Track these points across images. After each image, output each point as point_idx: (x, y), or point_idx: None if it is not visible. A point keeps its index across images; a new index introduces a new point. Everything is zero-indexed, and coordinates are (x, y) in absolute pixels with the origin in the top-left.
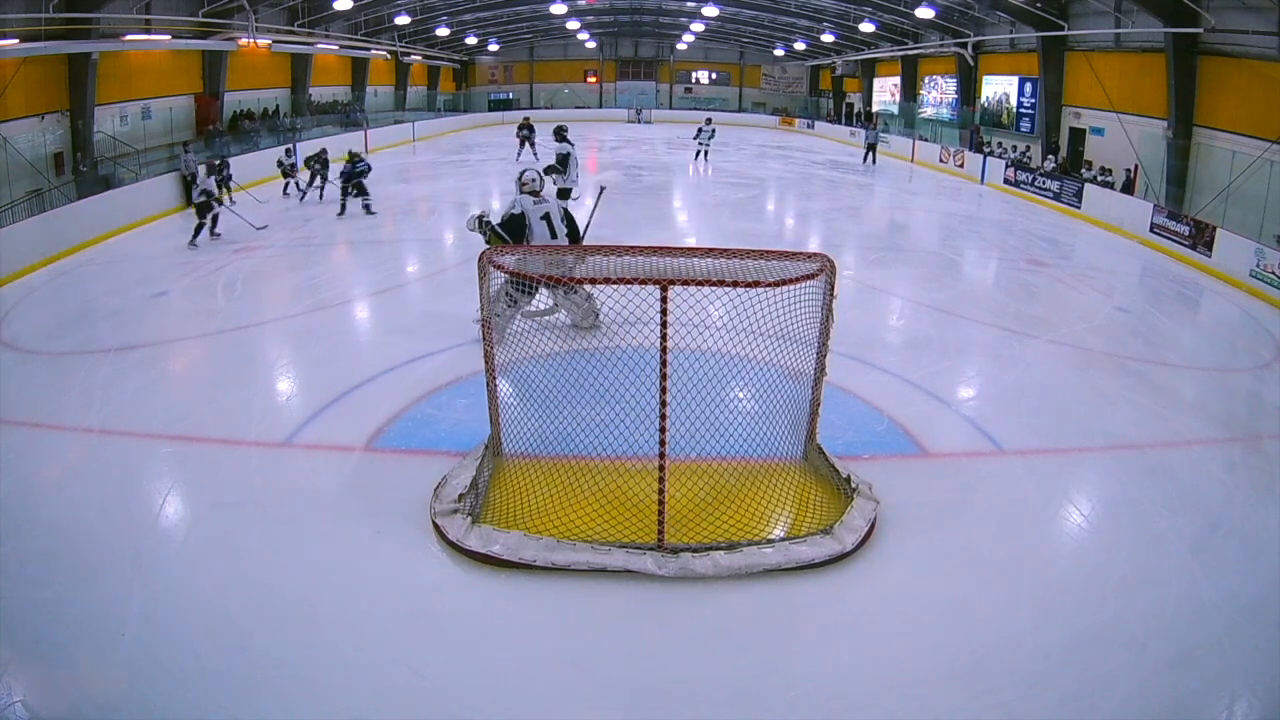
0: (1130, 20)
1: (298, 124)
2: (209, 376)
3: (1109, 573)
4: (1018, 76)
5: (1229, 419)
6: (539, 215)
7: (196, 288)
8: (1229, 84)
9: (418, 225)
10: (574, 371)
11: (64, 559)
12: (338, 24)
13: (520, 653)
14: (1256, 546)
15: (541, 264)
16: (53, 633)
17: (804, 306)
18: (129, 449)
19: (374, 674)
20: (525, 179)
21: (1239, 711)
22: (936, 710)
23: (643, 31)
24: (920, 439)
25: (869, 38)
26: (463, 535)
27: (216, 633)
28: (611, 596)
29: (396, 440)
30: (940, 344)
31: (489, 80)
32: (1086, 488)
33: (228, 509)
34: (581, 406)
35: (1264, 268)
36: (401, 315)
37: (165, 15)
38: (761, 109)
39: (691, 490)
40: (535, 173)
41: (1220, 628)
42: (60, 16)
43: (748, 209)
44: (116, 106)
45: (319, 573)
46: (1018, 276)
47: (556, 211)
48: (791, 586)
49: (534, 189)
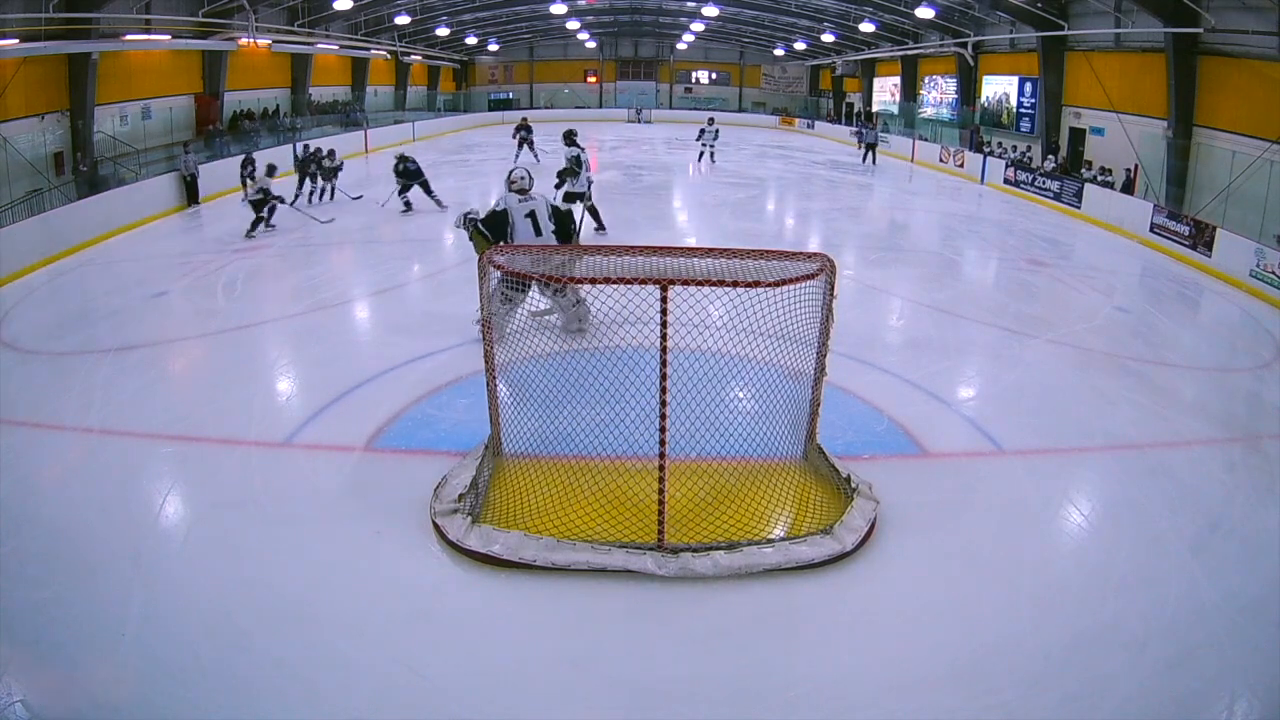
0: (1130, 20)
1: (298, 124)
2: (209, 376)
3: (1109, 573)
4: (1018, 76)
5: (1229, 419)
6: (523, 213)
7: (196, 288)
8: (1229, 84)
9: (418, 225)
10: (574, 371)
11: (64, 559)
12: (338, 24)
13: (520, 653)
14: (1256, 546)
15: (530, 262)
16: (53, 633)
17: (804, 306)
18: (129, 449)
19: (374, 674)
20: (513, 177)
21: (1239, 711)
22: (936, 710)
23: (643, 31)
24: (920, 439)
25: (869, 38)
26: (463, 535)
27: (216, 633)
28: (611, 596)
29: (396, 440)
30: (940, 344)
31: (489, 80)
32: (1086, 488)
33: (228, 509)
34: (581, 406)
35: (1264, 268)
36: (401, 315)
37: (165, 15)
38: (761, 109)
39: (691, 490)
40: (523, 171)
41: (1220, 628)
42: (60, 16)
43: (748, 209)
44: (116, 106)
45: (319, 573)
46: (1018, 276)
47: (544, 210)
48: (791, 586)
49: (521, 187)
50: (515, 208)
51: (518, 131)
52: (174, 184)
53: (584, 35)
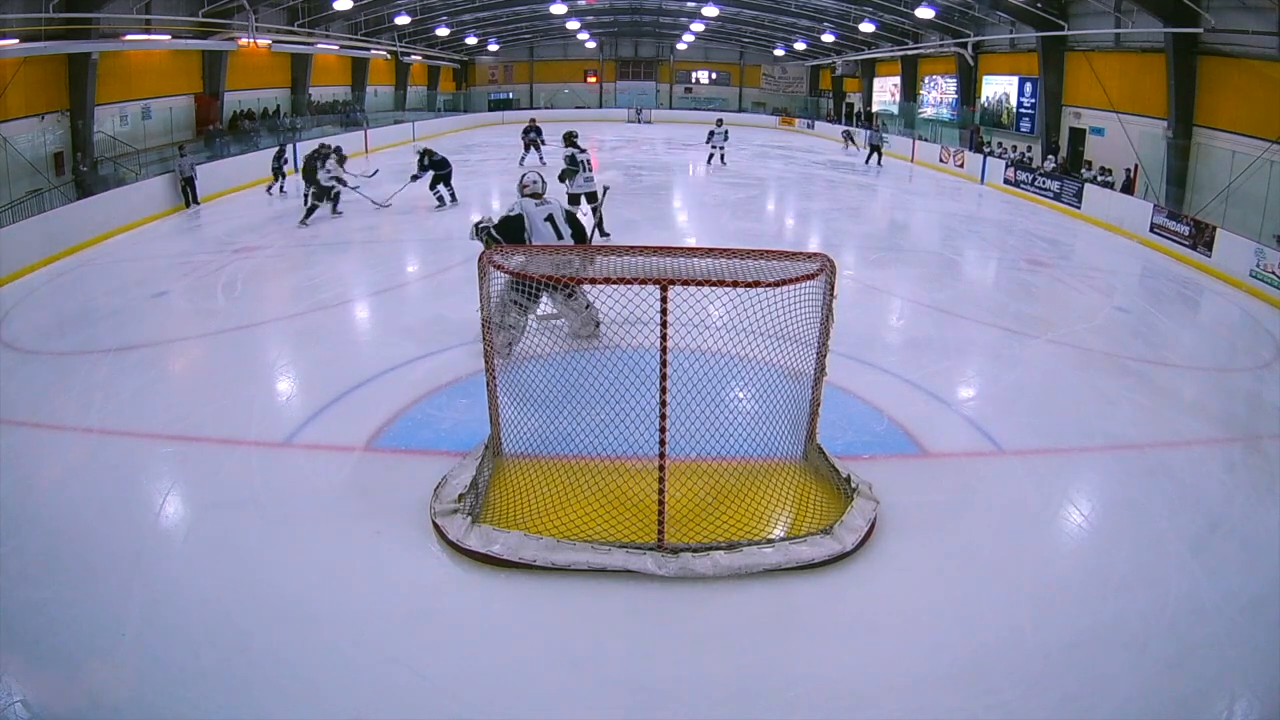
0: (1130, 20)
1: (298, 124)
2: (209, 376)
3: (1109, 573)
4: (1018, 76)
5: (1229, 419)
6: (542, 217)
7: (196, 288)
8: (1229, 84)
9: (418, 225)
10: (574, 371)
11: (64, 559)
12: (338, 24)
13: (520, 653)
14: (1256, 546)
15: (547, 264)
16: (53, 633)
17: (804, 306)
18: (129, 449)
19: (374, 674)
20: (526, 181)
21: (1239, 711)
22: (936, 710)
23: (643, 31)
24: (920, 439)
25: (869, 38)
26: (463, 535)
27: (216, 633)
28: (611, 596)
29: (396, 440)
30: (940, 344)
31: (489, 80)
32: (1086, 488)
33: (228, 509)
34: (581, 406)
35: (1264, 268)
36: (401, 315)
37: (165, 15)
38: (761, 109)
39: (691, 490)
40: (536, 174)
41: (1220, 628)
42: (60, 16)
43: (748, 209)
44: (116, 106)
45: (319, 573)
46: (1018, 276)
47: (560, 213)
48: (791, 586)
49: (535, 191)
50: (533, 212)
51: (527, 133)
52: (174, 184)
53: (584, 35)
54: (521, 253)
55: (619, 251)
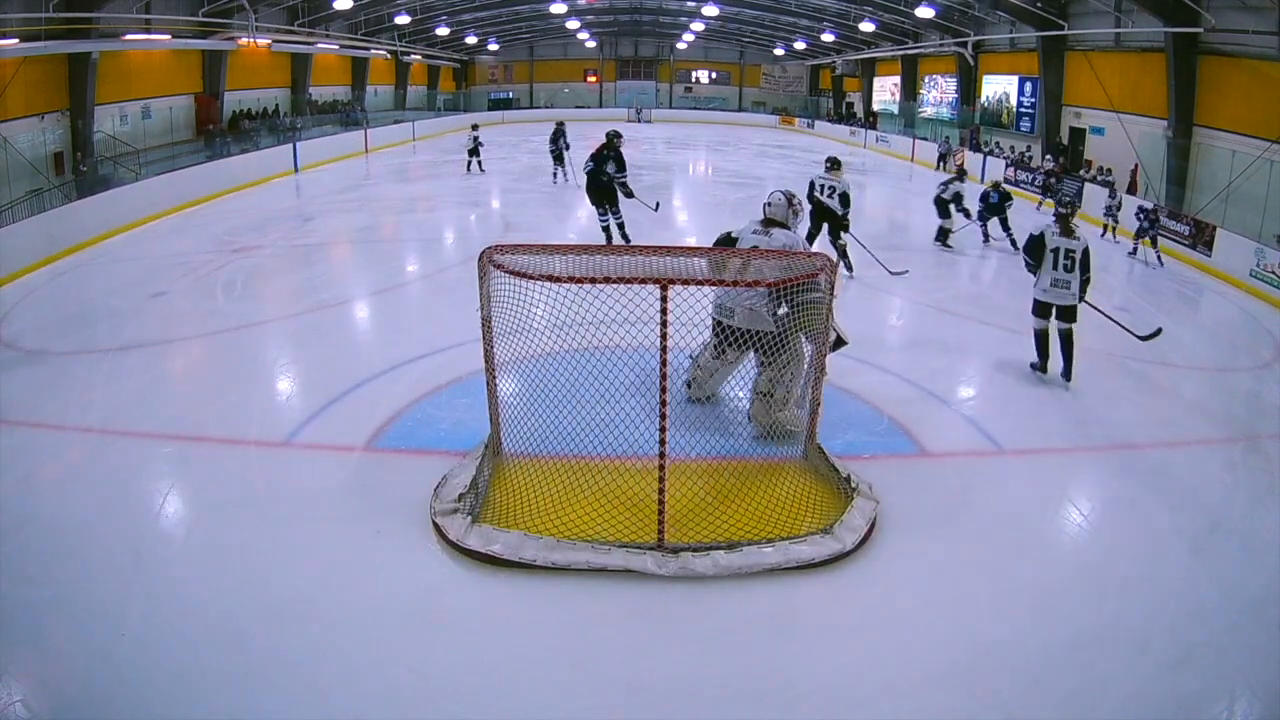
0: (1130, 20)
1: (298, 123)
2: (209, 376)
3: (1109, 573)
4: (1018, 76)
5: (1229, 419)
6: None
7: (196, 288)
8: (1229, 84)
9: (418, 225)
10: (574, 371)
11: (64, 559)
12: (338, 24)
13: (520, 652)
14: (1256, 546)
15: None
16: (53, 633)
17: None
18: (129, 449)
19: (374, 673)
20: (796, 205)
21: (1239, 711)
22: (936, 710)
23: (643, 31)
24: (920, 439)
25: (869, 37)
26: (463, 535)
27: (216, 632)
28: (611, 596)
29: (396, 440)
30: (940, 344)
31: (489, 80)
32: (1086, 488)
33: (228, 509)
34: (581, 406)
35: (1264, 268)
36: (401, 315)
37: (165, 15)
38: (761, 108)
39: (691, 490)
40: (781, 195)
41: (1220, 628)
42: (60, 16)
43: (748, 209)
44: (116, 106)
45: (319, 573)
46: (1018, 276)
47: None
48: (791, 586)
49: (781, 217)
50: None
51: (556, 140)
52: (174, 184)
53: (584, 35)
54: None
55: (618, 251)
